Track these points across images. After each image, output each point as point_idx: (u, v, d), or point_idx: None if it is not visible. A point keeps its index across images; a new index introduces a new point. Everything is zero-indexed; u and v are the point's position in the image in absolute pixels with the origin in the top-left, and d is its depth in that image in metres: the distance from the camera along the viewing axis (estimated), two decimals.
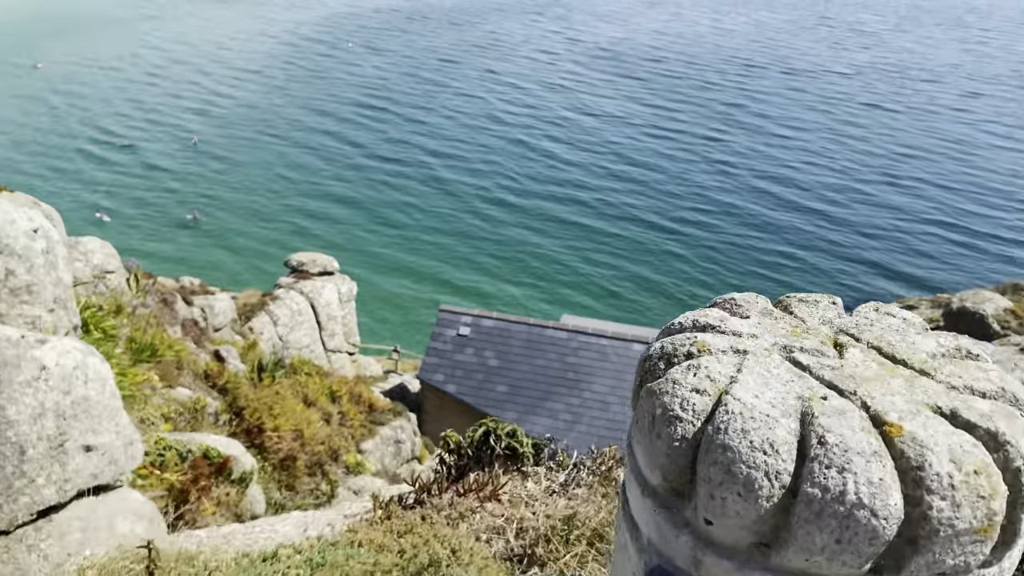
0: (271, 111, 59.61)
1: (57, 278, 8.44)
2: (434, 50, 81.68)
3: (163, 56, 73.39)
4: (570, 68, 76.54)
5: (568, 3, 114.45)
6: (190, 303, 16.79)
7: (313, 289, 21.83)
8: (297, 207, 43.77)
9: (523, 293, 36.75)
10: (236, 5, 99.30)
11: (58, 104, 58.35)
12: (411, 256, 39.28)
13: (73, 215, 39.40)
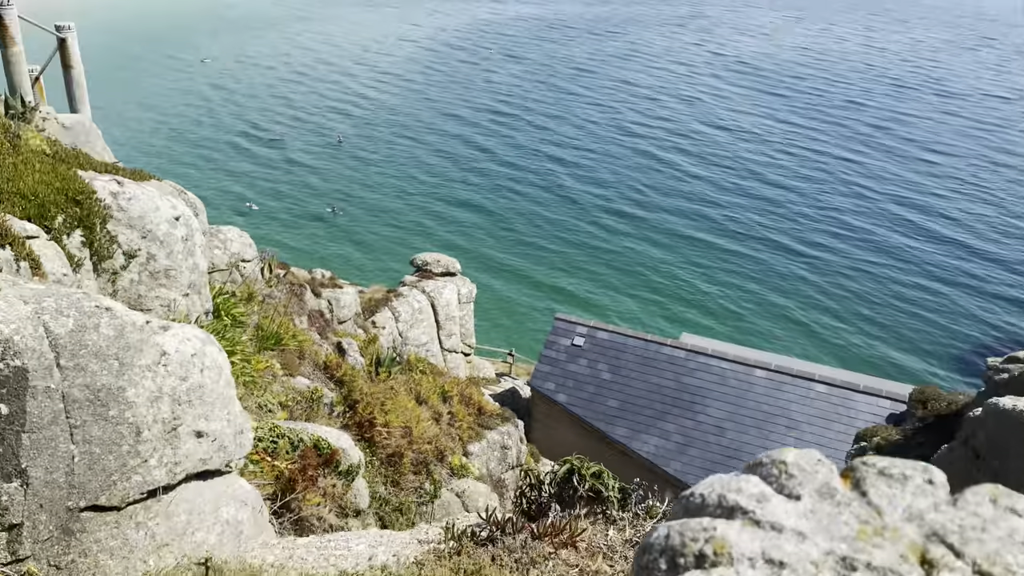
0: (408, 113, 61.36)
1: (194, 264, 8.89)
2: (571, 59, 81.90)
3: (311, 56, 76.97)
4: (708, 81, 74.97)
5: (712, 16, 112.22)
6: (318, 295, 17.41)
7: (435, 288, 22.21)
8: (425, 208, 44.81)
9: (641, 308, 36.17)
10: (383, 9, 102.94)
11: (214, 98, 62.18)
12: (531, 262, 39.43)
13: (219, 203, 41.84)
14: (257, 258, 13.97)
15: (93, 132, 11.67)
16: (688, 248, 41.57)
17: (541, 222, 43.81)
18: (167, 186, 10.36)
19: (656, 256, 40.68)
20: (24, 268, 5.48)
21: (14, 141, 7.51)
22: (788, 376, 19.45)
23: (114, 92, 57.96)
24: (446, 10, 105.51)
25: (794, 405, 18.90)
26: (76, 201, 7.11)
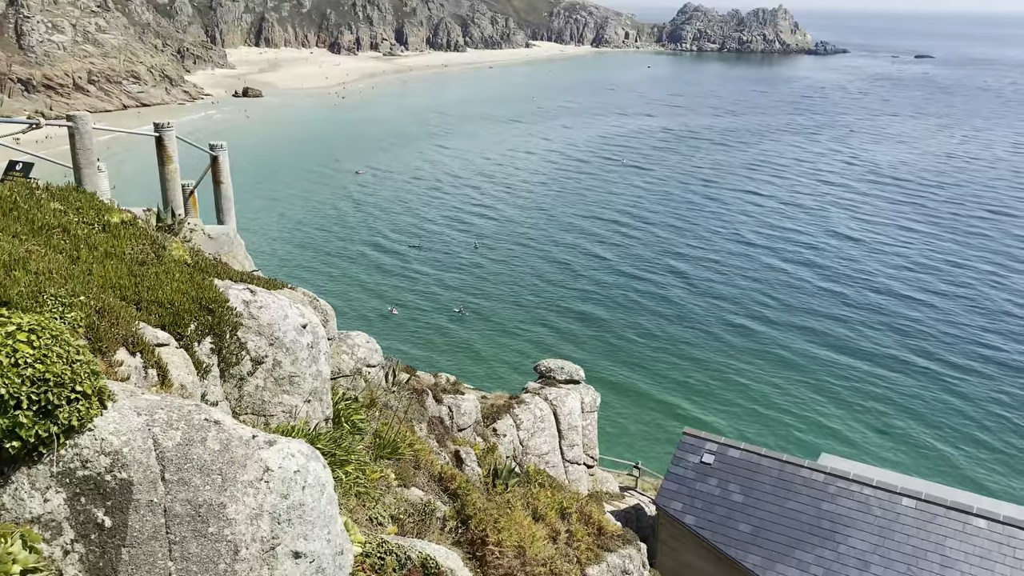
0: (533, 223, 62.76)
1: (317, 371, 9.04)
2: (697, 170, 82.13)
3: (444, 169, 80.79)
4: (840, 192, 73.04)
5: (849, 123, 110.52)
6: (440, 400, 17.44)
7: (557, 396, 21.86)
8: (547, 314, 45.01)
9: (773, 425, 34.32)
10: (514, 125, 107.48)
11: (351, 209, 65.86)
12: (654, 373, 38.47)
13: (352, 308, 43.51)
14: (382, 363, 14.17)
15: (236, 242, 12.37)
16: (820, 365, 39.48)
17: (663, 333, 42.95)
18: (299, 294, 10.74)
19: (786, 373, 38.83)
20: (152, 376, 5.64)
21: (159, 252, 7.98)
22: (941, 508, 17.63)
23: (259, 203, 62.46)
24: (575, 125, 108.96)
25: (949, 541, 17.02)
26: (209, 309, 7.40)
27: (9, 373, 3.90)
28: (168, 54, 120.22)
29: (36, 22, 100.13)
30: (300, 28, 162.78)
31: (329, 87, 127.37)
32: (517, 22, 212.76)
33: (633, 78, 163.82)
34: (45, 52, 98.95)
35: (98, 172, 9.43)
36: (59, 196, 7.82)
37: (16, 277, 5.30)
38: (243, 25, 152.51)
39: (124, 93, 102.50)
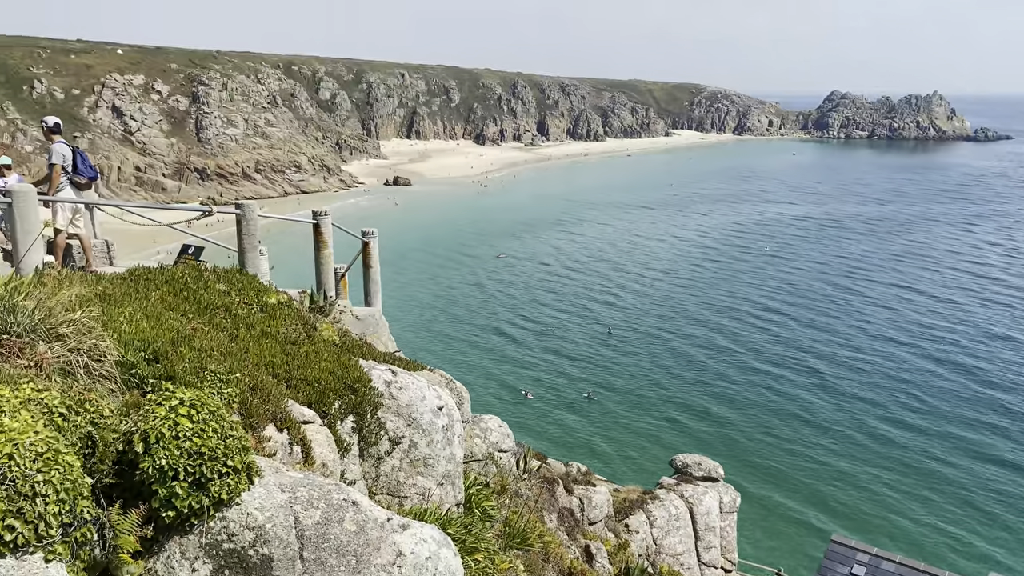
0: (671, 307, 61.83)
1: (451, 454, 9.10)
2: (844, 258, 78.84)
3: (584, 252, 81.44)
4: (1001, 285, 67.89)
5: (1012, 213, 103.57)
6: (571, 491, 17.10)
7: (694, 494, 20.94)
8: (680, 407, 43.68)
9: (935, 533, 31.37)
10: (657, 211, 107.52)
11: (491, 291, 67.23)
12: (798, 471, 36.28)
13: (485, 391, 43.91)
14: (514, 449, 14.11)
15: (381, 323, 12.84)
16: (985, 468, 36.04)
17: (808, 428, 40.65)
18: (437, 376, 10.95)
19: (946, 473, 35.67)
20: (297, 452, 5.84)
21: (311, 332, 8.37)
22: None
23: (403, 285, 64.83)
24: (711, 212, 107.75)
25: None
26: (353, 389, 7.65)
27: (170, 445, 4.13)
28: (327, 145, 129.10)
29: (213, 117, 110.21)
30: (448, 121, 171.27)
31: (472, 176, 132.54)
32: (657, 112, 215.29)
33: (775, 165, 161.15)
34: (220, 144, 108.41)
35: (260, 255, 10.11)
36: (224, 278, 8.40)
37: (181, 353, 5.68)
38: (396, 119, 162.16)
39: (286, 181, 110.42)
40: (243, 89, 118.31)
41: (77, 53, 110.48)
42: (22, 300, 4.87)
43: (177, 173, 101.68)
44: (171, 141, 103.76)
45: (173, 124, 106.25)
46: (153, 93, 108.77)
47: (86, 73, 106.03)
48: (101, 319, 5.42)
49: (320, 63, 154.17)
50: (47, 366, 4.54)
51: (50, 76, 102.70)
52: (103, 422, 4.28)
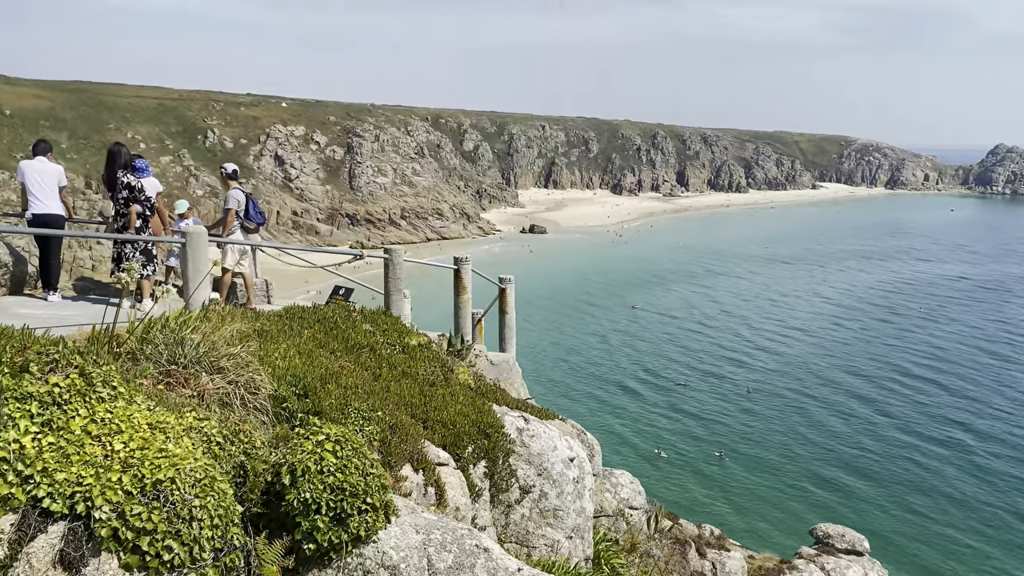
0: (807, 368, 58.98)
1: (581, 507, 8.95)
2: (1005, 323, 72.85)
3: (716, 308, 79.33)
4: None
5: None
6: (703, 555, 16.41)
7: (836, 567, 19.62)
8: (820, 473, 41.27)
9: None
10: (797, 267, 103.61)
11: (620, 343, 66.45)
12: (943, 553, 33.33)
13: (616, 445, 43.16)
14: (645, 506, 13.73)
15: (515, 370, 12.93)
16: None
17: (953, 505, 37.34)
18: (568, 426, 10.88)
19: None
20: (431, 494, 5.92)
21: (447, 375, 8.53)
22: None
23: (535, 332, 65.12)
24: (859, 269, 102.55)
25: None
26: (486, 434, 7.71)
27: (315, 479, 4.28)
28: (468, 194, 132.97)
29: (365, 167, 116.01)
30: (586, 171, 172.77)
31: (608, 226, 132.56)
32: (804, 163, 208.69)
33: (930, 221, 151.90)
34: (370, 191, 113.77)
35: (403, 298, 10.48)
36: (370, 318, 8.73)
37: (329, 390, 5.92)
38: (535, 169, 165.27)
39: (429, 227, 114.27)
40: (393, 140, 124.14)
41: (247, 106, 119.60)
42: (189, 334, 5.23)
43: (330, 218, 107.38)
44: (326, 188, 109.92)
45: (328, 172, 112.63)
46: (312, 143, 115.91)
47: (253, 124, 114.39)
48: (258, 354, 5.74)
49: (465, 116, 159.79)
50: (208, 396, 4.83)
51: (222, 127, 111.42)
52: (255, 453, 4.50)
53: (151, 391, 4.49)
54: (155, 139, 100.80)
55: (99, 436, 3.82)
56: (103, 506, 3.54)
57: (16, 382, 3.92)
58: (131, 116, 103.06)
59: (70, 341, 4.57)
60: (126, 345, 4.94)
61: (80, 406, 3.92)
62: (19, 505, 3.51)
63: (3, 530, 3.47)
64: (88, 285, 10.83)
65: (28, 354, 4.16)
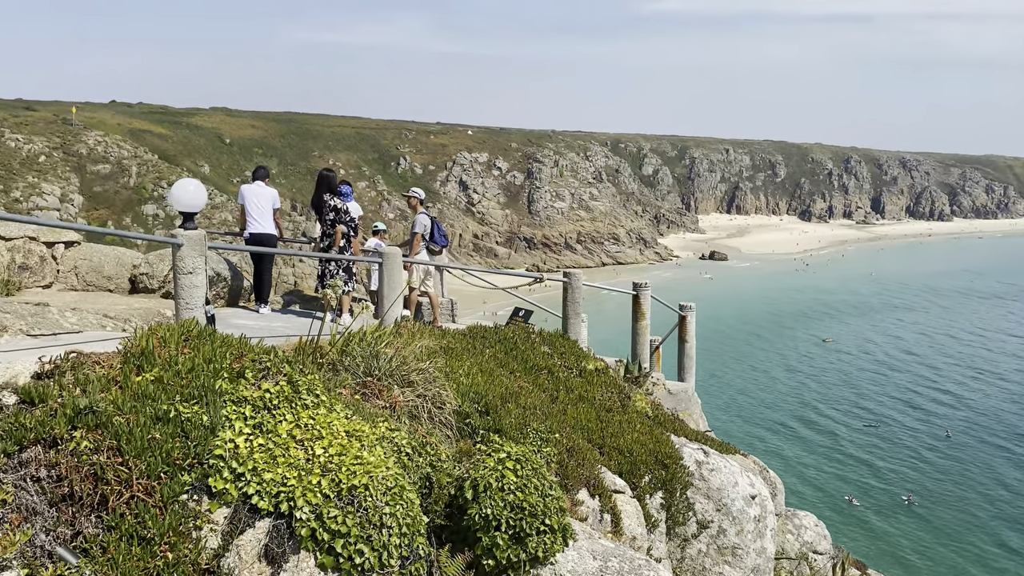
0: (1003, 414, 53.26)
1: (761, 547, 8.54)
2: None
3: (916, 343, 73.47)
4: None
5: None
6: None
7: None
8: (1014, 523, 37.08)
9: None
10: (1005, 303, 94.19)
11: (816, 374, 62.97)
12: None
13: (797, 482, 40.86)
14: (831, 552, 12.88)
15: (693, 400, 12.59)
16: None
17: None
18: (750, 462, 10.43)
19: None
20: (607, 520, 5.86)
21: (624, 401, 8.44)
22: None
23: (714, 362, 63.09)
24: None
25: None
26: (663, 464, 7.54)
27: (496, 496, 4.36)
28: (646, 219, 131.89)
29: (544, 191, 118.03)
30: (771, 196, 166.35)
31: (795, 254, 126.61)
32: (1019, 190, 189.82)
33: None
34: (547, 216, 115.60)
35: (581, 322, 10.52)
36: (548, 340, 8.82)
37: (509, 409, 6.02)
38: (717, 194, 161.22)
39: (604, 252, 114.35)
40: (572, 165, 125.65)
41: (435, 134, 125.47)
42: (384, 348, 5.51)
43: (508, 241, 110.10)
44: (505, 212, 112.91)
45: (508, 197, 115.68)
46: (494, 169, 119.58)
47: (441, 151, 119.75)
48: (444, 370, 5.95)
49: (645, 140, 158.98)
50: (399, 408, 5.06)
51: (412, 154, 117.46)
52: (440, 465, 4.65)
53: (349, 400, 4.76)
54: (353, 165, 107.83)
55: (302, 441, 4.09)
56: (304, 507, 3.78)
57: (233, 386, 4.29)
58: (333, 144, 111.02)
59: (279, 351, 4.95)
60: (328, 356, 5.28)
61: (287, 411, 4.23)
62: (231, 500, 3.82)
63: (217, 522, 3.78)
64: (294, 299, 11.73)
65: (244, 361, 4.55)
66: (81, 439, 3.67)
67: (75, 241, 9.67)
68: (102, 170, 67.27)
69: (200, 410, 4.03)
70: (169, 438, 3.83)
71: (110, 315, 7.07)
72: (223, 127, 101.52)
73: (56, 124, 70.94)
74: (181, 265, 6.24)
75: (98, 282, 9.42)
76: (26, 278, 8.81)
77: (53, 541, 3.46)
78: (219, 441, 3.95)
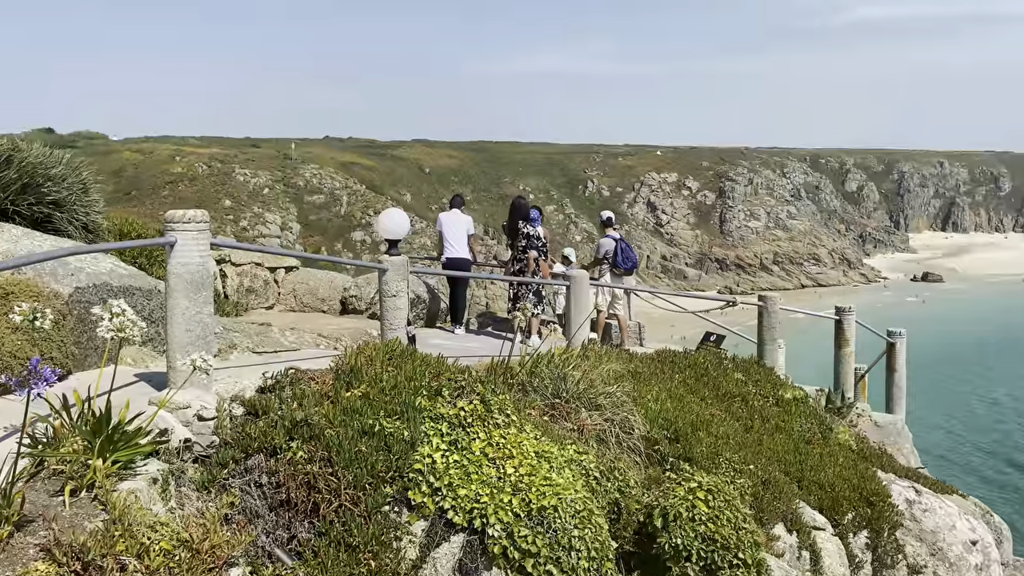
0: None
1: None
2: None
3: None
4: None
5: None
6: None
7: None
8: None
9: None
10: None
11: None
12: None
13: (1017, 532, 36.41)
14: None
15: (903, 434, 11.65)
16: None
17: None
18: (970, 504, 9.48)
19: None
20: (805, 558, 5.55)
21: (825, 433, 7.98)
22: None
23: (927, 394, 57.85)
24: None
25: None
26: (869, 501, 7.04)
27: (686, 526, 4.26)
28: (849, 238, 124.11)
29: (737, 211, 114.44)
30: (994, 212, 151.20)
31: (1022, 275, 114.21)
32: None
33: None
34: (740, 236, 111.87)
35: (777, 348, 10.07)
36: (742, 367, 8.53)
37: (700, 437, 5.88)
38: (930, 210, 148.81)
39: (803, 273, 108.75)
40: (767, 183, 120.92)
41: (623, 156, 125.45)
42: (571, 371, 5.57)
43: (698, 263, 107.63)
44: (695, 233, 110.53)
45: (699, 217, 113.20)
46: (683, 189, 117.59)
47: (629, 173, 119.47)
48: (631, 395, 5.92)
49: (848, 155, 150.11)
50: (586, 432, 5.09)
51: (600, 176, 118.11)
52: (628, 491, 4.62)
53: (537, 421, 4.85)
54: (542, 190, 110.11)
55: (494, 459, 4.22)
56: (496, 524, 3.89)
57: (431, 404, 4.51)
58: (523, 170, 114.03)
59: (473, 371, 5.15)
60: (517, 377, 5.42)
61: (480, 430, 4.38)
62: (429, 514, 4.01)
63: (415, 534, 3.98)
64: (487, 321, 12.15)
65: (441, 380, 4.77)
66: (297, 449, 4.00)
67: (294, 266, 10.60)
68: (317, 200, 73.24)
69: (402, 425, 4.27)
70: (374, 451, 4.09)
71: (323, 334, 7.67)
72: (423, 157, 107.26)
73: (278, 159, 78.09)
74: (386, 288, 6.67)
75: (313, 303, 10.26)
76: (252, 300, 9.76)
77: (272, 543, 3.79)
78: (418, 456, 4.16)
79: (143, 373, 5.01)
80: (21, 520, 2.87)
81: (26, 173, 6.58)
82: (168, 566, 2.97)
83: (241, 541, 3.36)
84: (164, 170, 68.94)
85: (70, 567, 2.72)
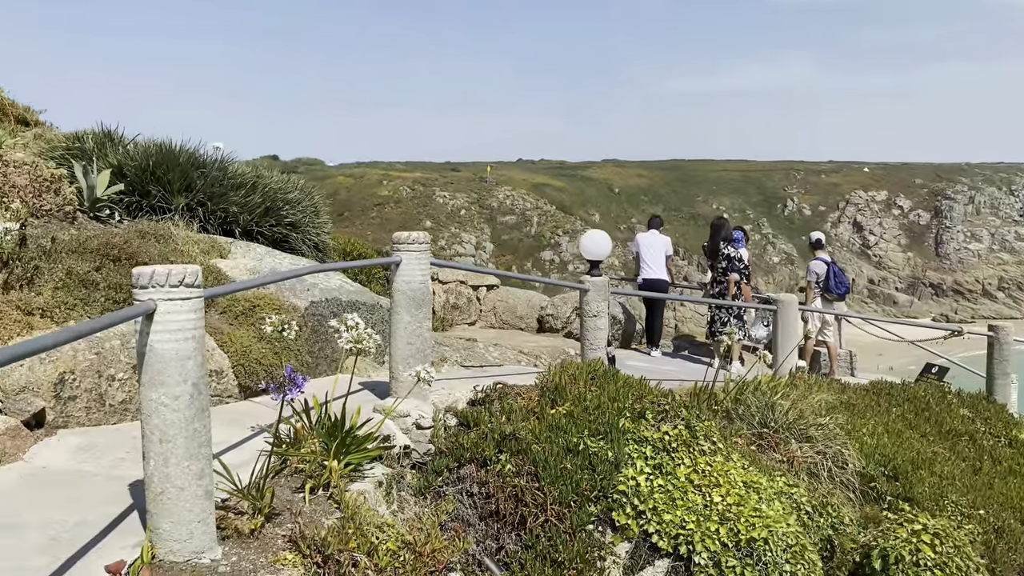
0: None
1: None
2: None
3: None
4: None
5: None
6: None
7: None
8: None
9: None
10: None
11: None
12: None
13: None
14: None
15: None
16: None
17: None
18: None
19: None
20: None
21: None
22: None
23: None
24: None
25: None
26: None
27: (908, 570, 3.98)
28: None
29: (955, 231, 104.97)
30: None
31: None
32: None
33: None
34: (960, 259, 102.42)
35: (1010, 383, 9.11)
36: (968, 403, 7.82)
37: (921, 476, 5.46)
38: None
39: None
40: (992, 201, 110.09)
41: (827, 173, 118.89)
42: (779, 399, 5.37)
43: (910, 287, 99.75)
44: (907, 255, 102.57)
45: (911, 238, 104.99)
46: (894, 208, 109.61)
47: (833, 191, 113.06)
48: (844, 427, 5.61)
49: None
50: (797, 464, 4.88)
51: (800, 195, 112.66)
52: (842, 529, 4.38)
53: (745, 450, 4.72)
54: (737, 209, 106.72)
55: (700, 486, 4.16)
56: (702, 552, 3.83)
57: (635, 426, 4.52)
58: (717, 188, 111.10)
59: (676, 394, 5.10)
60: (721, 404, 5.31)
61: (685, 455, 4.33)
62: (633, 536, 4.01)
63: (619, 555, 4.00)
64: (683, 344, 11.94)
65: (644, 402, 4.77)
66: (506, 462, 4.15)
67: (494, 284, 10.99)
68: (509, 220, 75.41)
69: (606, 446, 4.31)
70: (578, 469, 4.16)
71: (523, 351, 7.88)
72: (613, 177, 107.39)
73: (474, 181, 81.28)
74: (587, 308, 6.75)
75: (512, 321, 10.57)
76: (456, 316, 10.22)
77: (482, 552, 3.95)
78: (622, 477, 4.18)
79: (366, 382, 5.40)
80: (271, 512, 3.19)
81: (268, 198, 7.32)
82: (394, 566, 3.18)
83: (459, 547, 3.53)
84: (373, 193, 73.88)
85: (312, 559, 2.99)
